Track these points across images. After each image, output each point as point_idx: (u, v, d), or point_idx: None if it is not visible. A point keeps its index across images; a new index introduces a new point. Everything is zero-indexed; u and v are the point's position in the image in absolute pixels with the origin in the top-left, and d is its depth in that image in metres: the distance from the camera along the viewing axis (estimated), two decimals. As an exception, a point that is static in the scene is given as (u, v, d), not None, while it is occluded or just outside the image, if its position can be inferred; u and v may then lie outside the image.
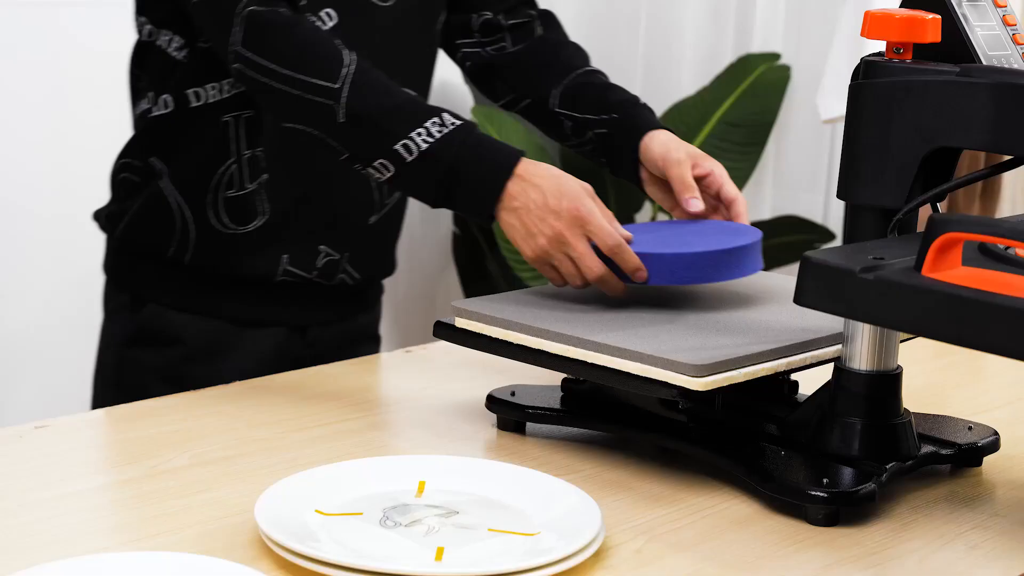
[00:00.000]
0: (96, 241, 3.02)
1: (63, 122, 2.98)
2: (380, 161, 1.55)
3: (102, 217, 1.84)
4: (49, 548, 1.23)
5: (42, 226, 2.99)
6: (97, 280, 3.05)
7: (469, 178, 1.54)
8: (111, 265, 1.85)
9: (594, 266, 1.50)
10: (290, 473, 1.36)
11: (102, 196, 1.89)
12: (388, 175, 1.56)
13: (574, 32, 3.97)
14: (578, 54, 1.85)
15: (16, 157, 2.94)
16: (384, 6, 1.73)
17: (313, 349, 1.83)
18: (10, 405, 2.98)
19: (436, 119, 1.55)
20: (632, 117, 1.72)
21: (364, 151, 1.56)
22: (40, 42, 2.94)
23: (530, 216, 1.52)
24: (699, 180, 1.65)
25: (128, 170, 1.79)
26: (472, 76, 1.89)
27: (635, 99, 1.76)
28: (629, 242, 1.51)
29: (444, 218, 3.79)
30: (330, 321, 1.85)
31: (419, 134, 1.54)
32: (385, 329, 3.72)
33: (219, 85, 1.71)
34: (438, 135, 1.54)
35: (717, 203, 1.65)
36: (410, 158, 1.54)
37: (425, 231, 3.77)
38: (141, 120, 1.79)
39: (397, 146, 1.54)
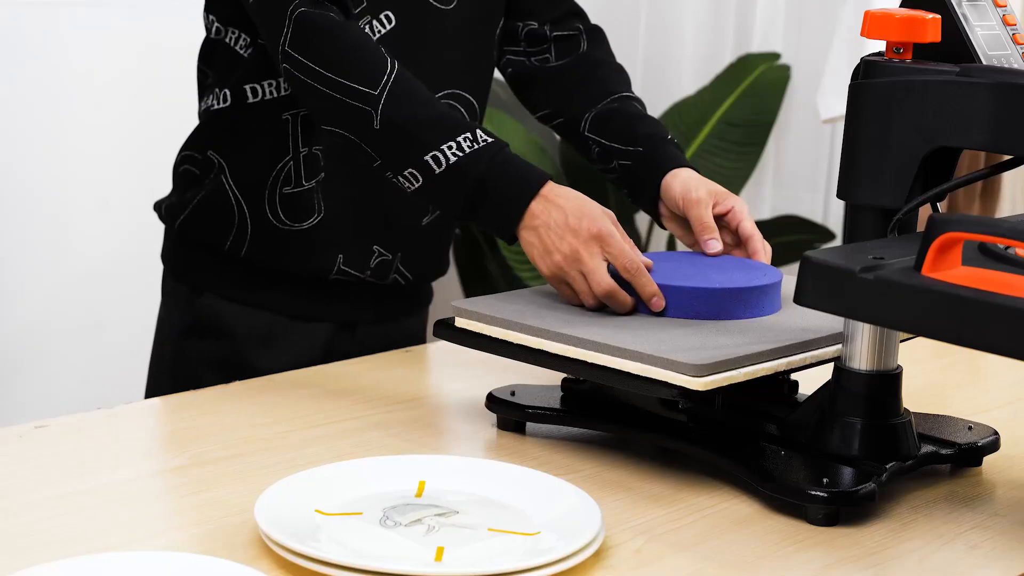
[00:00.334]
0: (96, 241, 3.03)
1: (72, 120, 2.99)
2: (410, 170, 1.57)
3: (162, 208, 1.85)
4: (49, 548, 1.23)
5: (42, 225, 2.99)
6: (97, 281, 3.06)
7: (495, 195, 1.55)
8: (169, 255, 1.86)
9: (603, 281, 1.51)
10: (290, 473, 1.36)
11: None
12: (416, 185, 1.57)
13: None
14: (618, 77, 1.85)
15: (15, 155, 2.94)
16: (444, 9, 1.74)
17: (362, 346, 1.84)
18: (10, 405, 2.99)
19: (468, 134, 1.56)
20: (656, 152, 1.74)
21: (395, 159, 1.58)
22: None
23: (549, 234, 1.53)
24: (720, 216, 1.67)
25: (189, 162, 1.81)
26: (512, 83, 1.90)
27: (664, 134, 1.77)
28: (649, 269, 1.52)
29: (444, 218, 3.79)
30: (380, 320, 1.86)
31: (450, 147, 1.55)
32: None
33: (277, 82, 1.73)
34: (468, 150, 1.55)
35: (737, 238, 1.67)
36: (439, 170, 1.55)
37: (425, 231, 3.76)
38: (204, 115, 1.81)
39: (427, 157, 1.55)
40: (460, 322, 1.53)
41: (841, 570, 1.26)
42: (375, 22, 1.69)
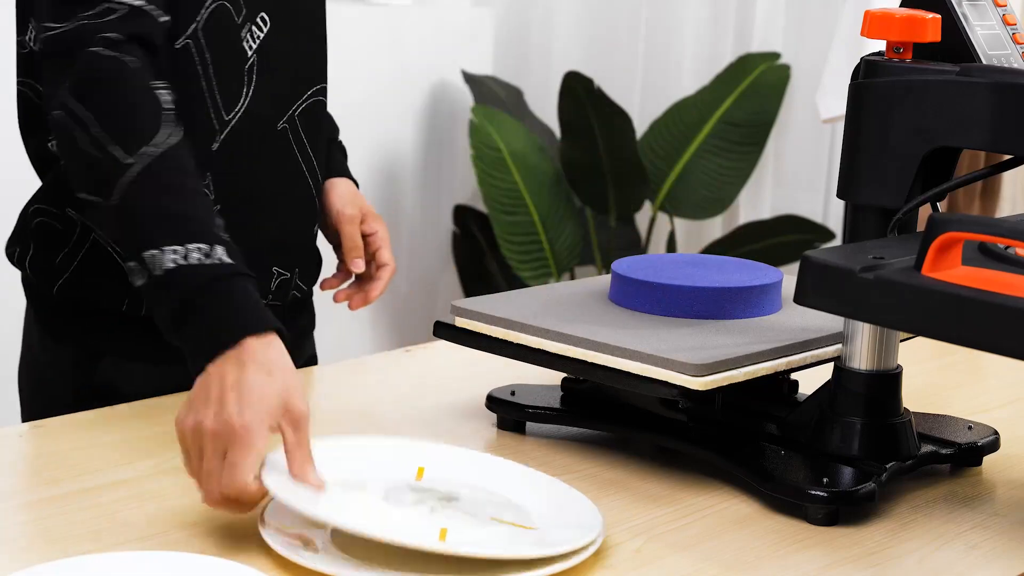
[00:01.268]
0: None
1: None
2: (131, 263, 1.36)
3: (25, 264, 1.66)
4: (49, 548, 1.23)
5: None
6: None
7: (207, 312, 1.32)
8: (46, 318, 1.66)
9: (228, 483, 1.25)
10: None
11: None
12: (140, 282, 1.36)
13: (575, 32, 3.99)
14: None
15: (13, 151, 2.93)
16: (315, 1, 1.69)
17: None
18: (10, 405, 2.98)
19: (204, 246, 1.34)
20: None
21: (124, 242, 1.38)
22: None
23: (205, 392, 1.29)
24: (364, 237, 1.71)
25: (45, 216, 1.63)
26: None
27: (333, 135, 1.79)
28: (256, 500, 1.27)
29: (444, 218, 3.79)
30: (294, 338, 1.76)
31: (175, 251, 1.33)
32: (385, 329, 3.74)
33: None
34: (195, 261, 1.33)
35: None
36: (155, 272, 1.34)
37: (425, 231, 3.77)
38: (52, 172, 1.63)
39: (146, 253, 1.34)
40: (460, 322, 1.53)
41: (841, 570, 1.26)
42: (253, 27, 1.60)
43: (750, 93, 3.63)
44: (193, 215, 1.37)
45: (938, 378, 1.80)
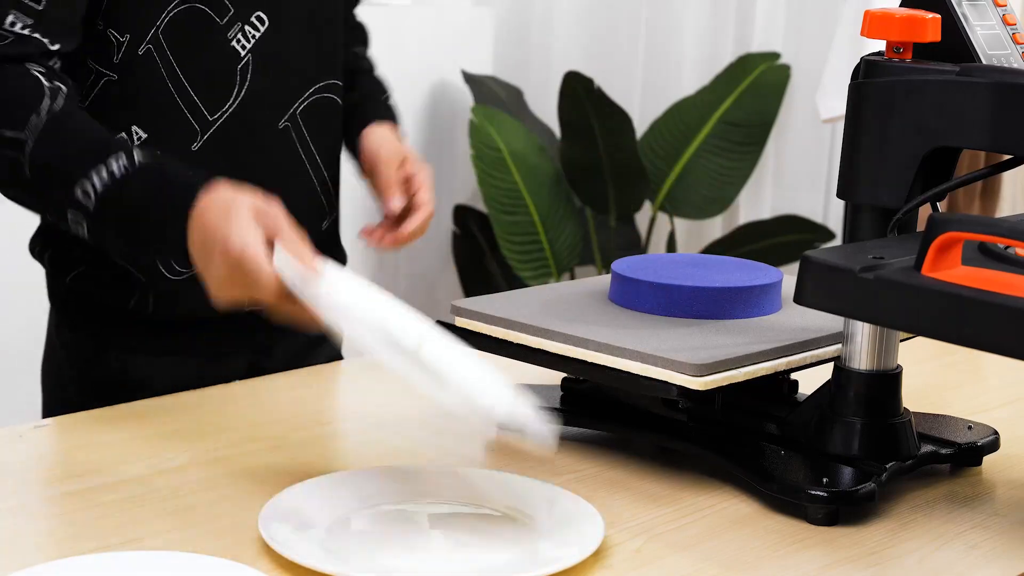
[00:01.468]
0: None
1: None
2: (71, 212, 1.43)
3: (44, 258, 1.73)
4: (49, 548, 1.23)
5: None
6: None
7: (153, 215, 1.41)
8: (61, 306, 1.73)
9: (268, 296, 1.35)
10: (289, 472, 1.36)
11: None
12: (84, 228, 1.43)
13: (575, 32, 3.99)
14: (352, 35, 1.85)
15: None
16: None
17: (286, 365, 1.76)
18: (10, 405, 2.98)
19: (102, 167, 1.42)
20: (366, 106, 1.77)
21: (52, 205, 1.46)
22: None
23: (200, 260, 1.39)
24: (405, 180, 1.70)
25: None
26: None
27: (381, 93, 1.80)
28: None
29: (444, 218, 3.79)
30: (295, 333, 1.78)
31: (98, 172, 1.41)
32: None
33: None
34: (119, 175, 1.42)
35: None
36: (91, 206, 1.42)
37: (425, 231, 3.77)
38: None
39: (77, 190, 1.42)
40: (460, 322, 1.53)
41: (841, 570, 1.26)
42: (246, 27, 1.61)
43: (750, 93, 3.63)
44: (98, 138, 1.44)
45: (938, 378, 1.80)
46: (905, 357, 1.43)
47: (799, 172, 3.73)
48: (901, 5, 1.40)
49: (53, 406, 1.74)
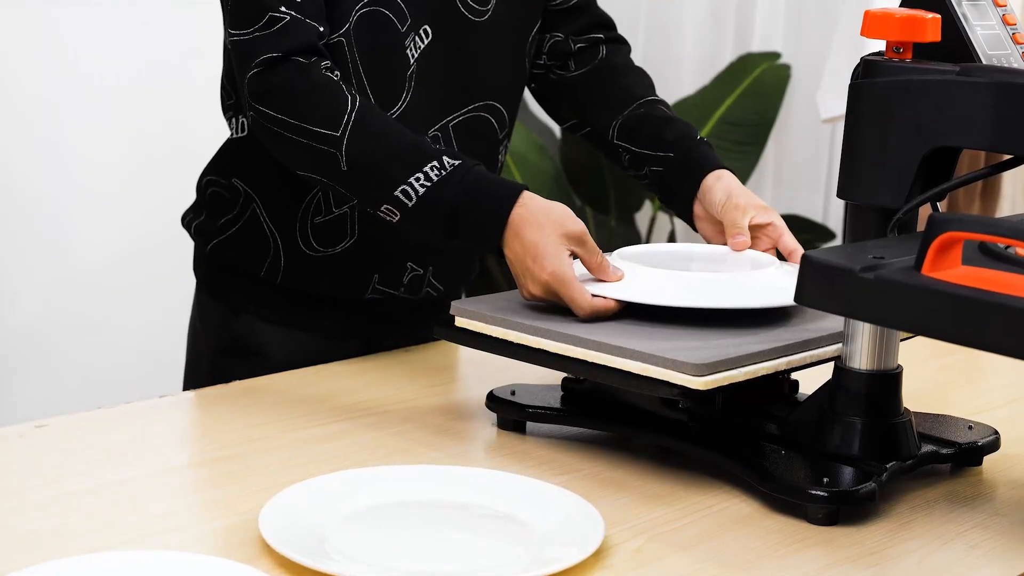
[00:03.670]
0: (96, 242, 3.03)
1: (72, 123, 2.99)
2: (385, 206, 1.57)
3: (192, 227, 1.84)
4: (49, 548, 1.23)
5: (42, 226, 2.99)
6: (99, 279, 3.05)
7: (469, 218, 1.55)
8: (203, 274, 1.86)
9: (582, 309, 1.50)
10: (289, 472, 1.36)
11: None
12: (396, 219, 1.58)
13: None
14: (641, 82, 1.85)
15: (16, 156, 2.94)
16: (478, 21, 1.73)
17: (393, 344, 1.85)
18: (10, 405, 2.99)
19: (435, 162, 1.56)
20: (691, 155, 1.75)
21: (369, 197, 1.59)
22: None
23: (515, 268, 1.54)
24: (758, 228, 1.71)
25: (215, 186, 1.81)
26: (538, 97, 1.90)
27: (694, 134, 1.78)
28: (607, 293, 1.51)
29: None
30: (414, 331, 1.85)
31: (417, 179, 1.55)
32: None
33: None
34: (436, 179, 1.55)
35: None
36: (411, 204, 1.56)
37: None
38: (226, 142, 1.81)
39: (397, 192, 1.56)
40: (460, 322, 1.53)
41: (841, 570, 1.26)
42: (416, 37, 1.68)
43: (750, 93, 3.63)
44: (410, 143, 1.58)
45: (938, 378, 1.80)
46: (905, 357, 1.43)
47: (799, 172, 3.73)
48: (901, 5, 1.40)
49: (190, 377, 1.87)
